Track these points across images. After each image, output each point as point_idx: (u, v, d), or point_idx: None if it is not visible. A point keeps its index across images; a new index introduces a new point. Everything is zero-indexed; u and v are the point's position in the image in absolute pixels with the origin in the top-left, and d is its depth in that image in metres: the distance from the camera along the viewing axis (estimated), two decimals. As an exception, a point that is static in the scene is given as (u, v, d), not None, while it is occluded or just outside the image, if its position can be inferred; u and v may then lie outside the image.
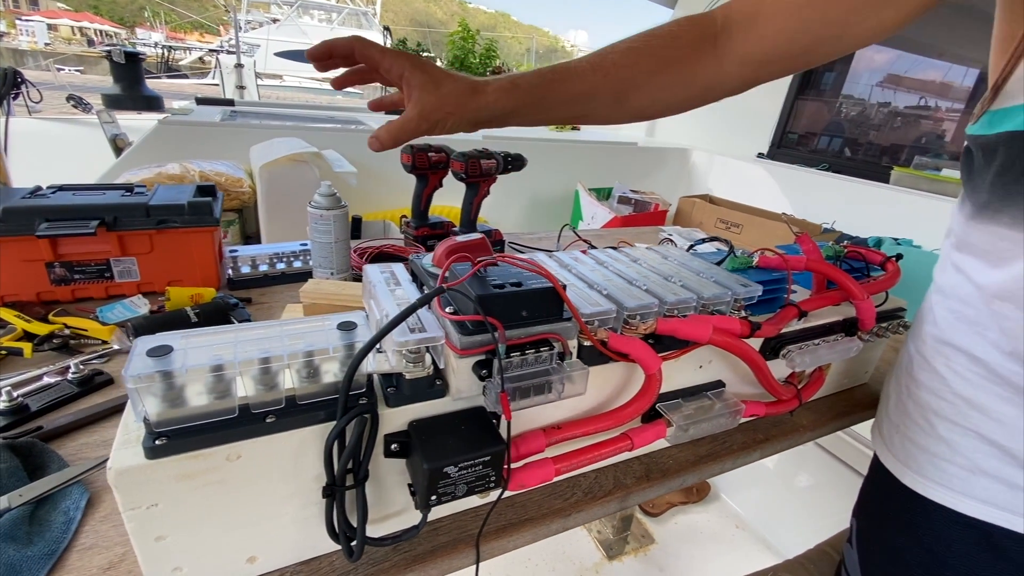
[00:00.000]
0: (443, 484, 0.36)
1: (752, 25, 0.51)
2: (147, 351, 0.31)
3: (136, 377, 0.29)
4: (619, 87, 0.52)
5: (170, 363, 0.30)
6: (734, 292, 0.51)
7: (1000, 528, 0.48)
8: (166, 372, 0.30)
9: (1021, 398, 0.44)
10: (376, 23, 22.98)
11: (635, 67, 0.51)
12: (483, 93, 0.47)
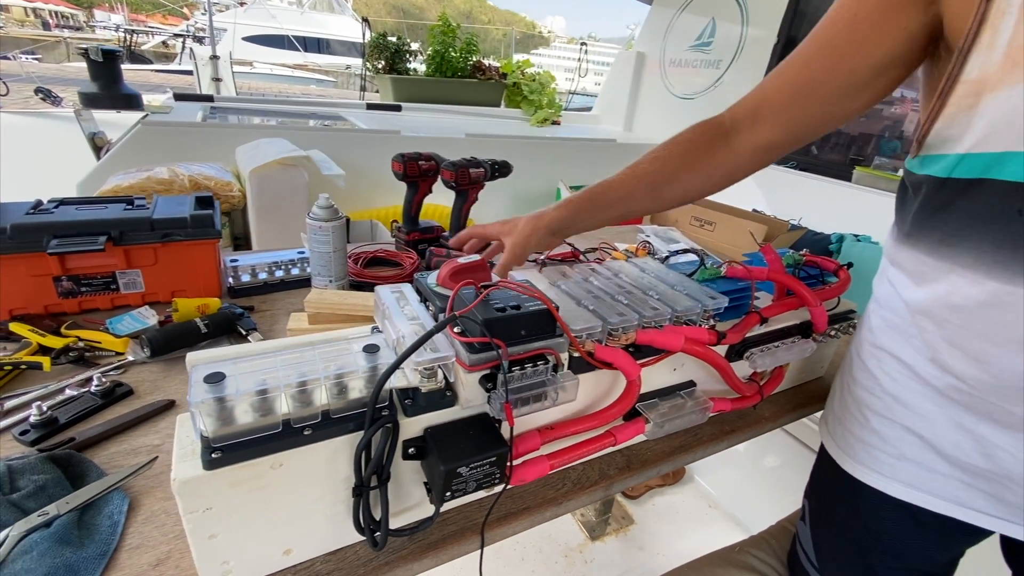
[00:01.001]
0: (456, 482, 0.42)
1: (754, 123, 0.61)
2: (204, 378, 0.36)
3: (198, 403, 0.34)
4: (652, 186, 0.63)
5: (224, 389, 0.35)
6: (704, 305, 0.58)
7: (920, 508, 0.56)
8: (221, 397, 0.35)
9: (939, 397, 0.52)
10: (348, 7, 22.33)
11: (663, 171, 0.63)
12: (545, 215, 0.63)
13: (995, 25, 0.42)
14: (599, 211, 0.64)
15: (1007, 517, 0.53)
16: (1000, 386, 0.48)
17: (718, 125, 0.63)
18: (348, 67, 19.12)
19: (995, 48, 0.42)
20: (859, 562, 0.65)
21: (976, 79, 0.43)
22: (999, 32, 0.41)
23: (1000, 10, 0.41)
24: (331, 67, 18.89)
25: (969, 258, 0.47)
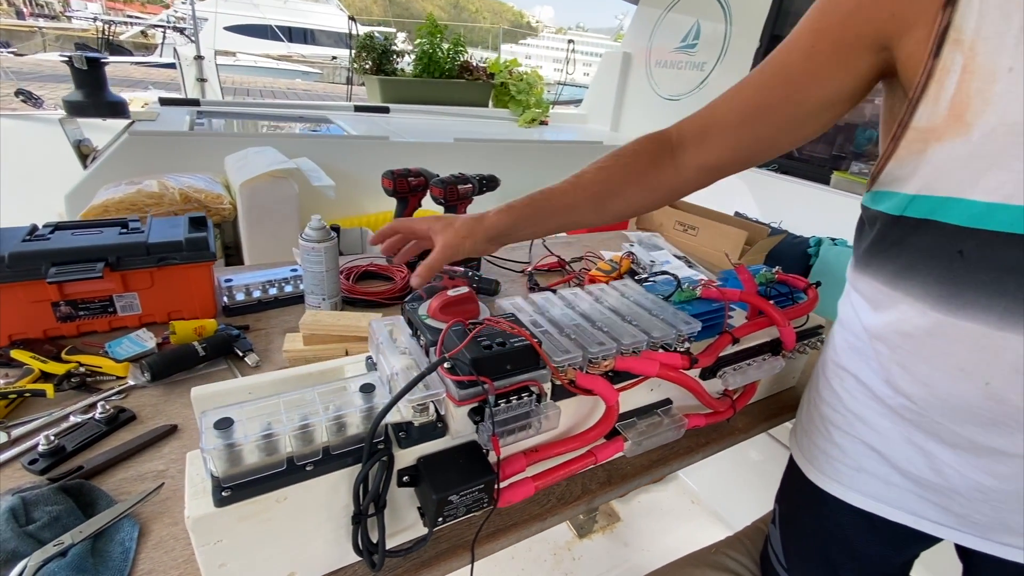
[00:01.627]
0: (448, 508, 0.46)
1: (702, 141, 0.61)
2: (214, 424, 0.39)
3: (210, 449, 0.37)
4: (596, 197, 0.62)
5: (232, 435, 0.38)
6: (678, 330, 0.62)
7: (877, 516, 0.61)
8: (232, 442, 0.38)
9: (893, 415, 0.57)
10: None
11: (608, 182, 0.62)
12: (485, 218, 0.60)
13: (941, 81, 0.45)
14: (541, 220, 0.62)
15: (955, 526, 0.58)
16: (945, 408, 0.53)
17: (665, 141, 0.63)
18: (334, 58, 18.83)
19: (940, 102, 0.46)
20: (823, 563, 0.71)
21: (924, 128, 0.47)
22: (944, 88, 0.45)
23: (945, 68, 0.45)
24: (316, 58, 18.59)
25: (918, 291, 0.51)
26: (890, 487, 0.60)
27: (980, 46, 0.43)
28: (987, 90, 0.43)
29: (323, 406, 0.42)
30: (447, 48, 2.71)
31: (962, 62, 0.44)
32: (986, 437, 0.51)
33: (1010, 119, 0.42)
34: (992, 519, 0.55)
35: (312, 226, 0.86)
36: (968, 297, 0.48)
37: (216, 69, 2.70)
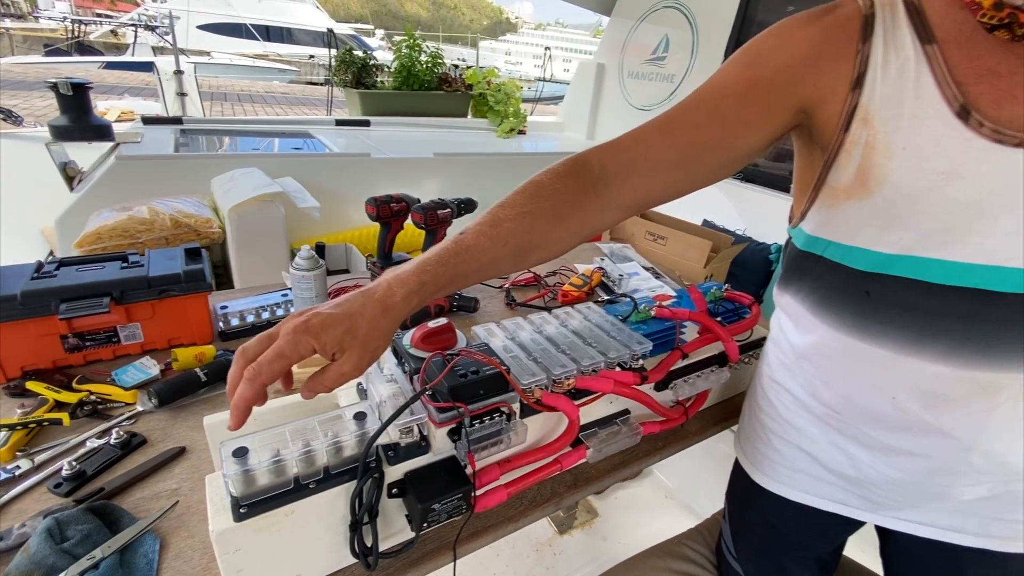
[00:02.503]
0: (431, 515, 0.54)
1: (627, 178, 0.59)
2: (232, 453, 0.46)
3: (231, 475, 0.45)
4: (518, 250, 0.56)
5: (248, 462, 0.46)
6: (632, 350, 0.70)
7: (811, 508, 0.71)
8: (247, 469, 0.46)
9: (819, 422, 0.66)
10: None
11: (530, 232, 0.55)
12: (392, 304, 0.48)
13: (849, 151, 0.54)
14: (456, 282, 0.53)
15: (873, 511, 0.68)
16: (861, 417, 0.62)
17: (587, 175, 0.58)
18: (311, 57, 18.63)
19: (849, 168, 0.55)
20: (766, 551, 0.81)
21: (836, 187, 0.56)
22: (852, 157, 0.54)
23: (853, 141, 0.54)
24: (293, 57, 18.38)
25: (833, 320, 0.61)
26: (820, 483, 0.70)
27: (880, 126, 0.52)
28: (886, 164, 0.52)
29: (323, 433, 0.50)
30: (426, 61, 2.78)
31: (866, 138, 0.53)
32: (895, 440, 0.61)
33: (904, 191, 0.51)
34: (903, 504, 0.65)
35: (302, 256, 0.93)
36: (875, 328, 0.57)
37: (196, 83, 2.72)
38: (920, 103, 0.50)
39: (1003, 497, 0.61)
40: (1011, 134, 0.47)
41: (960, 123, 0.48)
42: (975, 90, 0.49)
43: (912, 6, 0.52)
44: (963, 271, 0.51)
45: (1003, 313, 0.51)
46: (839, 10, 0.55)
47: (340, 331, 0.46)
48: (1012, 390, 0.54)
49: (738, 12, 2.31)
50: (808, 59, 0.55)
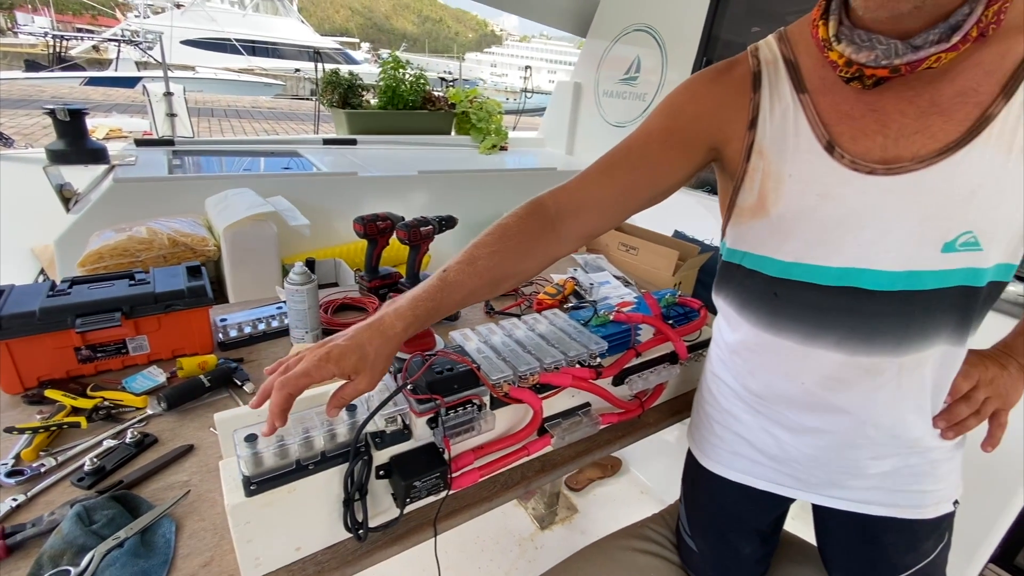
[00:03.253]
0: (413, 491, 0.63)
1: (577, 215, 0.71)
2: (244, 438, 0.55)
3: (243, 456, 0.54)
4: (492, 281, 0.67)
5: (257, 446, 0.55)
6: (589, 349, 0.81)
7: (750, 487, 0.81)
8: (256, 451, 0.55)
9: (751, 410, 0.77)
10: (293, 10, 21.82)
11: (501, 266, 0.66)
12: (393, 334, 0.59)
13: (751, 178, 0.66)
14: (443, 312, 0.63)
15: (800, 488, 0.78)
16: (781, 402, 0.73)
17: (544, 214, 0.70)
18: (297, 70, 18.73)
19: (752, 192, 0.66)
20: (713, 527, 0.91)
21: (743, 207, 0.68)
22: (753, 183, 0.66)
23: (753, 170, 0.65)
24: (279, 71, 18.47)
25: (753, 319, 0.71)
26: (756, 465, 0.80)
27: (771, 158, 0.64)
28: (778, 189, 0.64)
29: (320, 422, 0.59)
30: (410, 81, 2.90)
31: (762, 167, 0.65)
32: (807, 420, 0.72)
33: (792, 209, 0.63)
34: (823, 480, 0.75)
35: (296, 271, 1.02)
36: (784, 324, 0.68)
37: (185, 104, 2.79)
38: (798, 139, 0.62)
39: (904, 471, 0.72)
40: (864, 164, 0.58)
41: (828, 155, 0.60)
42: (837, 129, 0.60)
43: (790, 63, 0.64)
44: (842, 274, 0.62)
45: (875, 308, 0.62)
46: (735, 69, 0.67)
47: (355, 358, 0.57)
48: (890, 372, 0.65)
49: (703, 34, 2.47)
50: (714, 109, 0.67)
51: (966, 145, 0.55)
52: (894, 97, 0.58)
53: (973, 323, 0.64)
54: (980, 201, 0.56)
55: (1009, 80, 0.54)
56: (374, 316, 0.61)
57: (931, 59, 0.52)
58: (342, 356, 0.56)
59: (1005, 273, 0.61)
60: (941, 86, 0.56)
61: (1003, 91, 0.54)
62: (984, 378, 0.71)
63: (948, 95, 0.56)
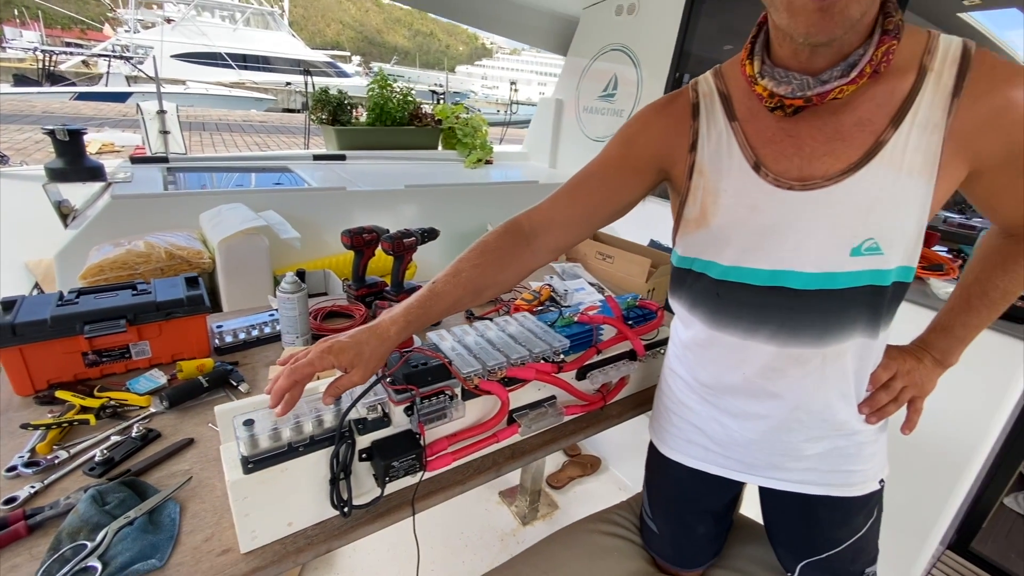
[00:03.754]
0: (392, 471, 0.72)
1: (549, 230, 0.82)
2: (242, 423, 0.64)
3: (241, 437, 0.62)
4: (475, 291, 0.77)
5: (254, 428, 0.64)
6: (552, 347, 0.90)
7: (703, 472, 0.90)
8: (253, 434, 0.63)
9: (702, 400, 0.86)
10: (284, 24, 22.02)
11: (482, 277, 0.77)
12: (388, 337, 0.69)
13: (694, 194, 0.76)
14: (432, 318, 0.74)
15: (745, 471, 0.87)
16: (726, 391, 0.82)
17: (519, 232, 0.81)
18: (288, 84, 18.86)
19: (695, 206, 0.76)
20: (672, 510, 1.00)
21: (689, 219, 0.78)
22: (696, 198, 0.76)
23: (695, 187, 0.76)
24: (270, 84, 18.59)
25: (701, 316, 0.81)
26: (707, 451, 0.89)
27: (710, 175, 0.74)
28: (716, 202, 0.74)
29: (309, 409, 0.68)
30: (397, 99, 3.01)
31: (703, 185, 0.75)
32: (748, 407, 0.81)
33: (728, 220, 0.73)
34: (766, 462, 0.85)
35: (287, 281, 1.11)
36: (726, 321, 0.78)
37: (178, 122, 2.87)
38: (731, 160, 0.72)
39: (834, 453, 0.81)
40: (785, 181, 0.69)
41: (755, 174, 0.71)
42: (763, 152, 0.71)
43: (723, 95, 0.75)
44: (771, 275, 0.72)
45: (800, 304, 0.72)
46: (678, 100, 0.79)
47: (352, 354, 0.67)
48: (815, 361, 0.74)
49: (675, 51, 2.61)
50: (661, 136, 0.79)
51: (864, 166, 0.65)
52: (806, 126, 0.69)
53: (883, 318, 0.74)
54: (879, 212, 0.66)
55: (897, 112, 0.64)
56: (373, 322, 0.71)
57: (835, 91, 0.63)
58: (341, 351, 0.66)
59: (906, 275, 0.71)
60: (843, 117, 0.67)
61: (892, 121, 0.65)
62: (902, 369, 0.81)
63: (849, 124, 0.67)
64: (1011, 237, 0.78)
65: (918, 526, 1.51)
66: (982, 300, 0.81)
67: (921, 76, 0.64)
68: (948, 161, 0.64)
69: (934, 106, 0.63)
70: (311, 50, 22.85)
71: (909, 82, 0.64)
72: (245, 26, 20.56)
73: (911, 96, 0.64)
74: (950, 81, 0.63)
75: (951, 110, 0.63)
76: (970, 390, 1.40)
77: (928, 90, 0.63)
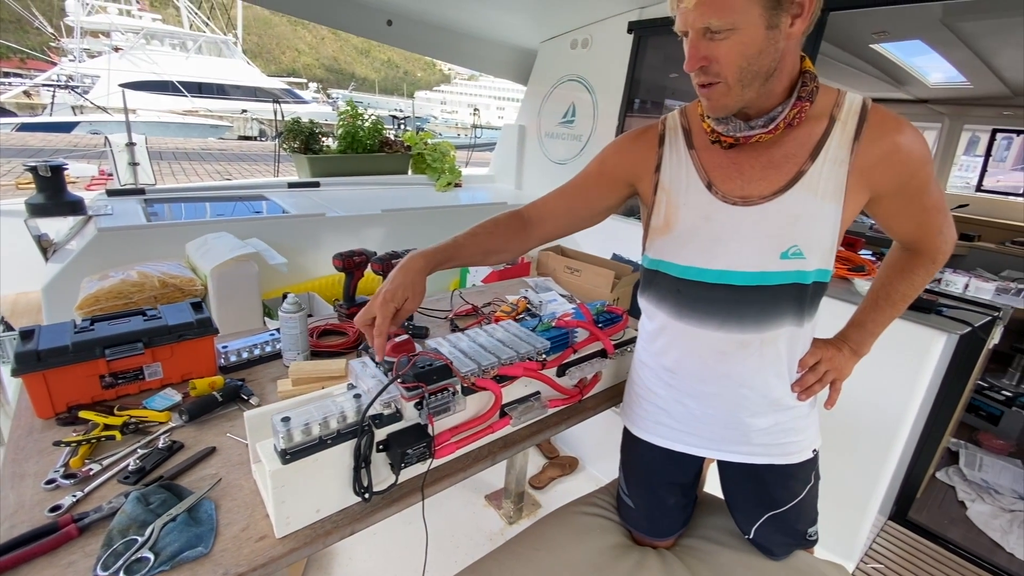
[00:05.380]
0: (406, 457, 0.84)
1: (540, 224, 1.02)
2: (280, 420, 0.74)
3: (280, 431, 0.73)
4: (486, 251, 0.99)
5: (290, 424, 0.74)
6: (535, 348, 1.04)
7: (667, 449, 1.05)
8: (288, 429, 0.74)
9: (666, 384, 1.01)
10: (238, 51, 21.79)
11: (491, 241, 0.98)
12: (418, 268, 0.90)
13: (659, 207, 0.93)
14: (452, 263, 0.94)
15: (705, 447, 1.02)
16: (686, 375, 0.98)
17: (521, 218, 1.02)
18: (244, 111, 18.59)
19: (660, 216, 0.93)
20: (645, 484, 1.14)
21: (655, 227, 0.94)
22: (660, 210, 0.92)
23: (660, 201, 0.92)
24: (224, 112, 18.29)
25: (665, 309, 0.97)
26: (673, 430, 1.04)
27: (672, 192, 0.91)
28: (677, 214, 0.91)
29: (335, 407, 0.79)
30: (367, 127, 3.14)
31: (666, 199, 0.92)
32: (705, 387, 0.97)
33: (686, 228, 0.90)
34: (721, 436, 1.00)
35: (289, 302, 1.21)
36: (686, 313, 0.94)
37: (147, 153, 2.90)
38: (689, 180, 0.90)
39: (775, 428, 0.97)
40: (731, 198, 0.86)
41: (708, 192, 0.88)
42: (713, 174, 0.89)
43: (685, 129, 0.93)
44: (720, 274, 0.89)
45: (741, 297, 0.88)
46: (649, 131, 0.97)
47: (402, 292, 0.87)
48: (755, 345, 0.91)
49: (626, 80, 2.85)
50: (631, 159, 0.97)
51: (789, 189, 0.84)
52: (746, 156, 0.87)
53: (806, 311, 0.91)
54: (801, 225, 0.84)
55: (814, 149, 0.83)
56: (402, 261, 0.90)
57: (757, 136, 0.82)
58: (393, 293, 0.87)
59: (824, 276, 0.89)
60: (774, 151, 0.85)
61: (810, 156, 0.83)
62: (825, 356, 0.99)
63: (777, 157, 0.85)
64: (907, 250, 0.98)
65: (857, 499, 1.72)
66: (887, 301, 1.01)
67: (831, 123, 0.83)
68: (852, 188, 0.83)
69: (841, 146, 0.82)
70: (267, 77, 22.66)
71: (823, 127, 0.84)
72: (197, 54, 20.22)
73: (824, 138, 0.83)
74: (852, 128, 0.82)
75: (853, 150, 0.82)
76: (891, 374, 1.62)
77: (836, 134, 0.83)
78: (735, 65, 0.75)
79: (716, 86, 0.78)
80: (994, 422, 2.73)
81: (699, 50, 0.76)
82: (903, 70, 3.59)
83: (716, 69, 0.76)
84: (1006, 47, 2.84)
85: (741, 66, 0.76)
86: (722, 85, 0.77)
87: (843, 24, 2.55)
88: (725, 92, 0.78)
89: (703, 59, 0.76)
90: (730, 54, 0.75)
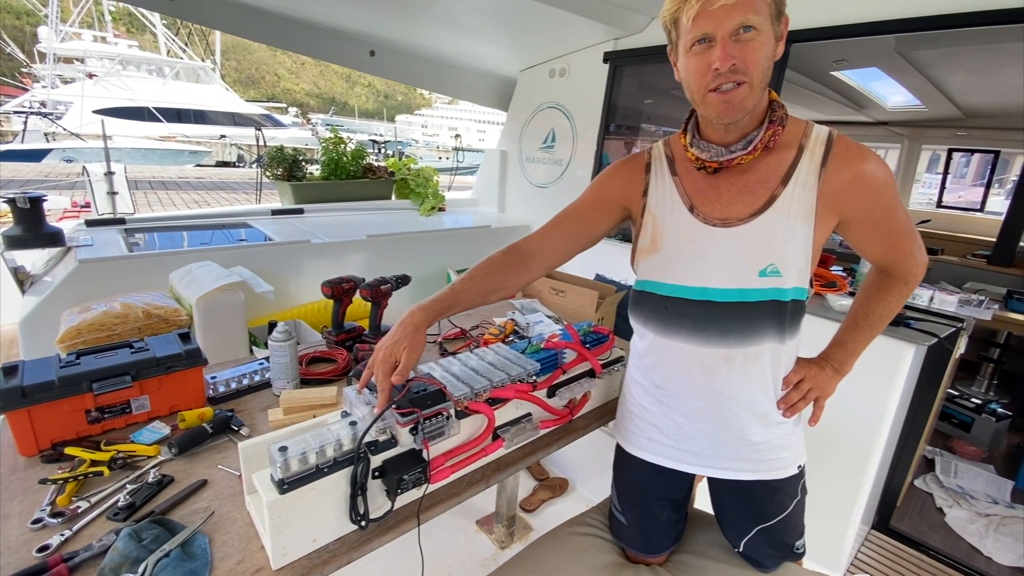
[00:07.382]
0: (402, 483, 0.84)
1: (540, 256, 1.04)
2: (277, 449, 0.75)
3: (277, 461, 0.73)
4: (485, 292, 0.99)
5: (288, 454, 0.75)
6: (526, 370, 1.06)
7: (659, 466, 1.07)
8: (286, 458, 0.75)
9: (657, 401, 1.04)
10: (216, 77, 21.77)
11: (489, 283, 0.99)
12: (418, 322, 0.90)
13: (647, 228, 0.98)
14: (452, 311, 0.96)
15: (697, 463, 1.05)
16: (675, 391, 1.01)
17: (520, 253, 1.03)
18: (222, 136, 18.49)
19: (648, 238, 0.97)
20: (638, 500, 1.16)
21: (643, 248, 0.99)
22: (648, 231, 0.97)
23: (647, 223, 0.98)
24: (202, 138, 18.16)
25: (654, 327, 1.00)
26: (664, 447, 1.07)
27: (658, 214, 0.96)
28: (663, 235, 0.95)
29: (331, 436, 0.80)
30: (351, 153, 3.17)
31: (652, 222, 0.97)
32: (694, 401, 1.00)
33: (671, 248, 0.94)
34: (711, 452, 1.03)
35: (279, 330, 1.22)
36: (673, 330, 0.97)
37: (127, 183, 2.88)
38: (673, 204, 0.95)
39: (763, 445, 1.01)
40: (711, 220, 0.91)
41: (690, 214, 0.93)
42: (696, 198, 0.94)
43: (669, 157, 0.99)
44: (703, 291, 0.93)
45: (722, 313, 0.93)
46: (637, 159, 1.03)
47: (401, 347, 0.88)
48: (739, 359, 0.95)
49: (603, 106, 2.95)
50: (623, 184, 1.03)
51: (764, 212, 0.89)
52: (724, 182, 0.92)
53: (787, 329, 0.95)
54: (776, 245, 0.89)
55: (785, 175, 0.89)
56: (403, 318, 0.91)
57: (738, 159, 0.88)
58: (394, 347, 0.88)
59: (801, 294, 0.93)
60: (749, 177, 0.91)
61: (782, 181, 0.89)
62: (808, 374, 1.03)
63: (752, 182, 0.91)
64: (882, 273, 1.04)
65: (840, 510, 1.76)
66: (866, 321, 1.06)
67: (800, 151, 0.90)
68: (821, 212, 0.89)
69: (809, 172, 0.88)
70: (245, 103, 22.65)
71: (792, 155, 0.90)
72: (175, 79, 20.14)
73: (794, 165, 0.89)
74: (819, 156, 0.89)
75: (820, 175, 0.88)
76: (866, 386, 1.68)
77: (805, 161, 0.89)
78: (760, 65, 0.81)
79: (741, 87, 0.82)
80: (966, 429, 2.82)
81: (729, 50, 0.80)
82: (862, 95, 3.79)
83: (743, 68, 0.81)
84: (955, 73, 3.03)
85: (764, 67, 0.82)
86: (746, 86, 0.82)
87: (806, 53, 2.70)
88: (748, 93, 0.83)
89: (733, 57, 0.81)
90: (756, 54, 0.80)
